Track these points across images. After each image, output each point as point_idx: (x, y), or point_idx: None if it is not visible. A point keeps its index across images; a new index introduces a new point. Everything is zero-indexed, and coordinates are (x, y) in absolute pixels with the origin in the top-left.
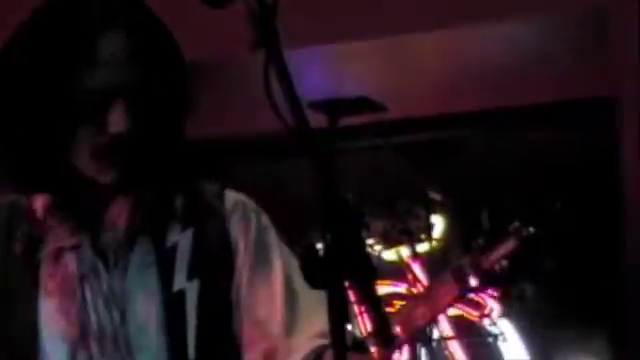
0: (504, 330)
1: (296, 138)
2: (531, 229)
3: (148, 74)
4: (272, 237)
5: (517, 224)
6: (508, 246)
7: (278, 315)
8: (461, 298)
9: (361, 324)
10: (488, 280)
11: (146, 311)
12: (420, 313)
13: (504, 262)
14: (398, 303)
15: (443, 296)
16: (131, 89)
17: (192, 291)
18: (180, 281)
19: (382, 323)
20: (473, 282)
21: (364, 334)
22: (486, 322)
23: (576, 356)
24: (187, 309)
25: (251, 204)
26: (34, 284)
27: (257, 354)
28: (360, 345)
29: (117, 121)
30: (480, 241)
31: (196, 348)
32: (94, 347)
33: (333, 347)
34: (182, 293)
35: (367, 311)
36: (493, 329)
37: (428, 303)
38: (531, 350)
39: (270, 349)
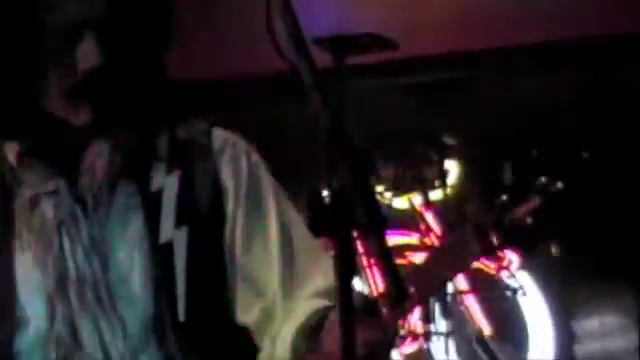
0: (523, 284)
1: (299, 78)
2: (558, 185)
3: (120, 5)
4: (265, 178)
5: (543, 179)
6: (533, 203)
7: (275, 271)
8: (481, 257)
9: (370, 278)
10: (511, 239)
11: (129, 260)
12: (435, 273)
13: (528, 220)
14: (410, 254)
15: (461, 255)
16: (101, 21)
17: (180, 240)
18: (167, 230)
19: (393, 277)
20: (495, 240)
21: (374, 290)
22: (504, 275)
23: (600, 313)
24: (175, 260)
25: (241, 142)
26: (9, 235)
27: (253, 314)
28: (371, 307)
29: (87, 56)
30: (502, 197)
31: (186, 304)
32: (73, 298)
33: (339, 305)
34: (169, 243)
35: (377, 264)
36: (512, 282)
37: (445, 262)
38: (552, 305)
39: (267, 309)
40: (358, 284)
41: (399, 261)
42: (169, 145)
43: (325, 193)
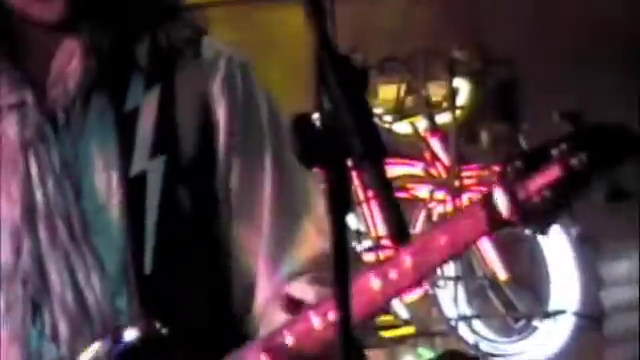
0: None
1: None
2: (582, 156)
3: None
4: (265, 108)
5: (564, 147)
6: (552, 174)
7: (264, 228)
8: (490, 233)
9: (367, 215)
10: (525, 214)
11: (107, 186)
12: (437, 247)
13: (546, 193)
14: (413, 187)
15: (467, 229)
16: None
17: (155, 174)
18: (140, 160)
19: (393, 213)
20: (505, 214)
21: (371, 228)
22: None
23: (629, 257)
24: (147, 199)
25: (237, 56)
26: None
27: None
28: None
29: None
30: (517, 164)
31: (154, 255)
32: (42, 232)
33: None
34: (142, 175)
35: (375, 198)
36: None
37: (448, 235)
38: (577, 249)
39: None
40: (353, 221)
41: (400, 195)
42: (149, 53)
43: (315, 116)
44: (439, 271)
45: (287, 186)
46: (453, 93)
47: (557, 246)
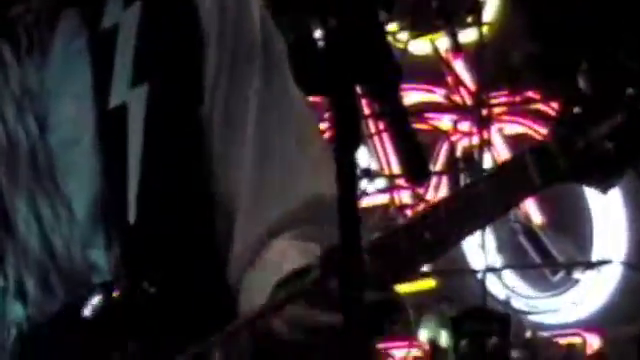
0: None
1: None
2: None
3: None
4: (256, 17)
5: (630, 91)
6: (617, 121)
7: (247, 166)
8: (540, 190)
9: (379, 149)
10: (584, 168)
11: (75, 120)
12: (473, 210)
13: (609, 144)
14: (433, 117)
15: (514, 186)
16: None
17: (137, 104)
18: (120, 89)
19: (410, 146)
20: (562, 168)
21: (384, 164)
22: None
23: None
24: (128, 133)
25: None
26: None
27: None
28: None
29: None
30: (575, 108)
31: (138, 200)
32: (1, 168)
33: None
34: (122, 107)
35: (388, 130)
36: None
37: (490, 192)
38: (626, 193)
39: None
40: (364, 157)
41: (418, 126)
42: None
43: (318, 35)
44: None
45: (278, 116)
46: (478, 6)
47: None
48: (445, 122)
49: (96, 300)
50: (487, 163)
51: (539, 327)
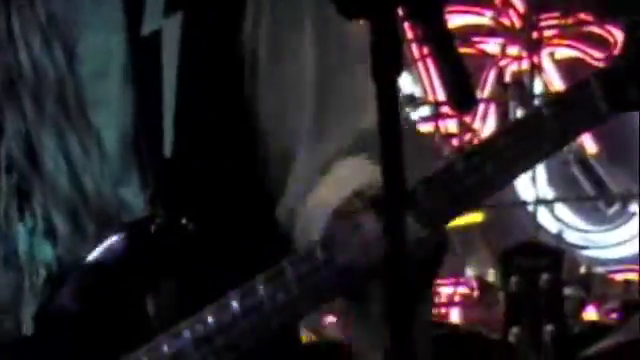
0: None
1: None
2: None
3: None
4: None
5: None
6: None
7: (304, 106)
8: (606, 120)
9: (423, 75)
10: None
11: (106, 47)
12: (534, 140)
13: None
14: (480, 40)
15: (578, 115)
16: None
17: (171, 33)
18: (153, 15)
19: (455, 72)
20: (632, 96)
21: (428, 91)
22: None
23: None
24: (163, 64)
25: None
26: None
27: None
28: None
29: None
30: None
31: (175, 133)
32: (28, 103)
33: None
34: (156, 36)
35: (432, 55)
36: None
37: (556, 122)
38: None
39: (285, 153)
40: (407, 83)
41: (464, 50)
42: None
43: None
44: None
45: (336, 46)
46: None
47: None
48: (493, 46)
49: (129, 238)
50: (537, 89)
51: (594, 262)
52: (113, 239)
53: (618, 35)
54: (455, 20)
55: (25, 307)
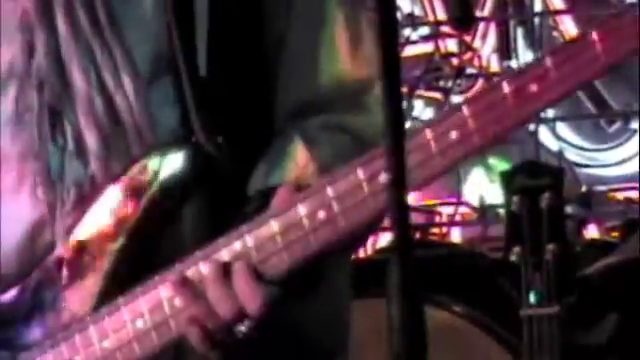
0: None
1: None
2: None
3: None
4: None
5: None
6: None
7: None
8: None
9: None
10: None
11: None
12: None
13: None
14: None
15: (623, 40)
16: None
17: None
18: None
19: None
20: None
21: (429, 11)
22: None
23: None
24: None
25: None
26: None
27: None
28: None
29: None
30: None
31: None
32: (60, 22)
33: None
34: None
35: None
36: None
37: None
38: None
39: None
40: (406, 2)
41: None
42: None
43: None
44: (514, 65)
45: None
46: None
47: None
48: None
49: (164, 157)
50: (537, 7)
51: (595, 181)
52: (177, 159)
53: None
54: None
55: (58, 224)
